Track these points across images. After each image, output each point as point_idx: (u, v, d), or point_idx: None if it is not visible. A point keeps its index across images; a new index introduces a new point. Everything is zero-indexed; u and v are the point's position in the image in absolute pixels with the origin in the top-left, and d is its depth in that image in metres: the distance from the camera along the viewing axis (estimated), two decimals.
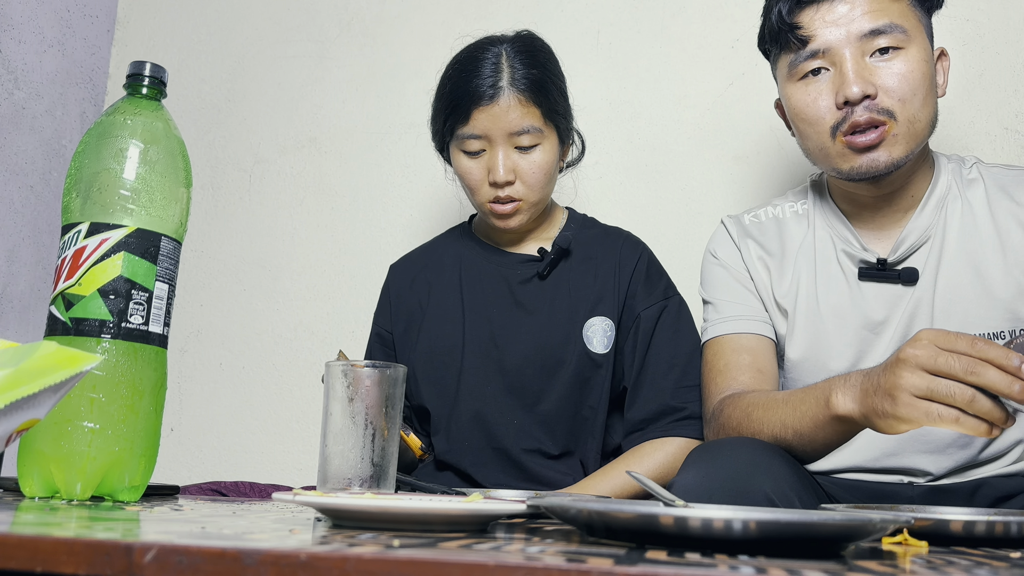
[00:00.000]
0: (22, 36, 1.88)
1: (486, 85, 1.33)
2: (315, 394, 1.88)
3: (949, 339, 0.88)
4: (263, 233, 2.00)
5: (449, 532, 0.69)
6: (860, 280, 1.24)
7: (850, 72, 1.15)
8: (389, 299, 1.51)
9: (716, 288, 1.33)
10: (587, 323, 1.38)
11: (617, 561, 0.49)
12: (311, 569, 0.47)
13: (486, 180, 1.35)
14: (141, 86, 1.01)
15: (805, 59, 1.19)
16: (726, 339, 1.28)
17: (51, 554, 0.49)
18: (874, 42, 1.16)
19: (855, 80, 1.15)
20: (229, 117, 2.07)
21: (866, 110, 1.15)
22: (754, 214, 1.36)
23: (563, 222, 1.49)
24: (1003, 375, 0.85)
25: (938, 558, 0.64)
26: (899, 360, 0.90)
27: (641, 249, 1.44)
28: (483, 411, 1.38)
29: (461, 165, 1.38)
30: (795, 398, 1.08)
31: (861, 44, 1.16)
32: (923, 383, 0.88)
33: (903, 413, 0.89)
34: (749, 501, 0.91)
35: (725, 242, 1.35)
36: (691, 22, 1.84)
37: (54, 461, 0.90)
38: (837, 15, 1.17)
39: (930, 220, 1.23)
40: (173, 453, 1.93)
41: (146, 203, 0.96)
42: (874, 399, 0.94)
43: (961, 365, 0.86)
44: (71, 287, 0.94)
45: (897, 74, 1.16)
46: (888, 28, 1.16)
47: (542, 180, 1.37)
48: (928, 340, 0.89)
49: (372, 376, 0.93)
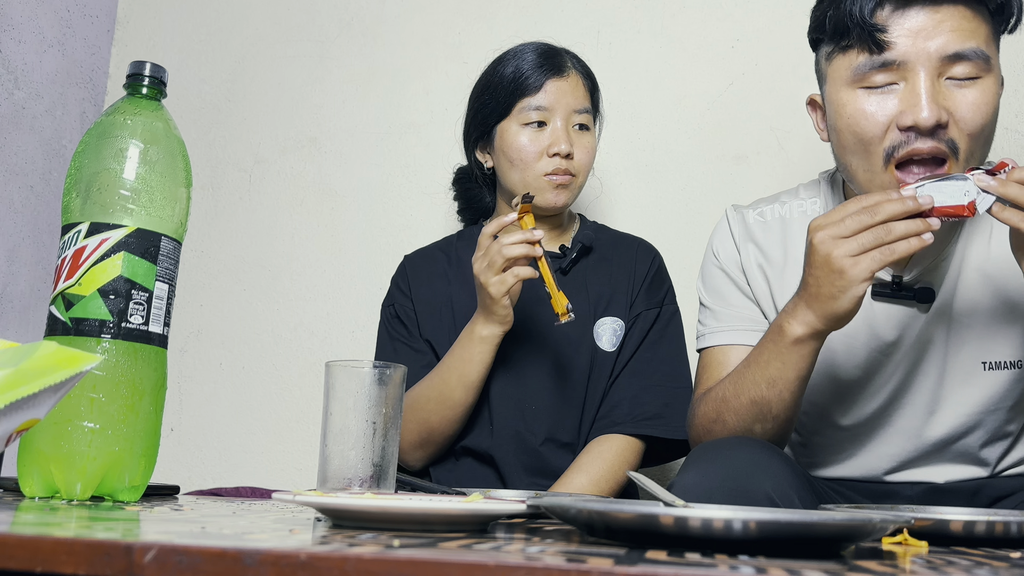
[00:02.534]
0: (22, 36, 1.88)
1: (558, 61, 1.43)
2: (315, 394, 1.88)
3: (837, 210, 0.98)
4: (263, 233, 2.00)
5: (449, 532, 0.69)
6: (874, 299, 1.16)
7: (923, 93, 1.03)
8: (408, 284, 1.51)
9: (714, 293, 1.28)
10: (599, 322, 1.43)
11: (617, 561, 0.49)
12: (311, 569, 0.47)
13: (544, 152, 1.41)
14: (141, 86, 1.01)
15: (876, 68, 1.06)
16: (719, 350, 1.24)
17: (51, 554, 0.49)
18: (955, 67, 1.04)
19: (929, 104, 1.03)
20: (229, 117, 2.07)
21: (931, 138, 1.04)
22: (760, 212, 1.28)
23: (577, 226, 1.54)
24: (895, 202, 0.96)
25: (938, 558, 0.64)
26: (815, 245, 0.98)
27: (654, 255, 1.51)
28: (501, 402, 1.40)
29: (518, 139, 1.42)
30: (753, 355, 1.11)
31: (941, 66, 1.04)
32: (851, 244, 0.96)
33: (854, 274, 0.96)
34: (750, 501, 0.91)
35: (726, 241, 1.28)
36: (691, 22, 1.84)
37: (54, 461, 0.90)
38: (922, 25, 1.04)
39: (950, 240, 1.16)
40: (173, 453, 1.93)
41: (146, 203, 0.96)
42: (822, 289, 0.99)
43: (862, 218, 0.96)
44: (71, 287, 0.94)
45: (972, 104, 1.04)
46: (973, 55, 1.04)
47: (590, 163, 1.45)
48: (825, 219, 0.98)
49: (372, 376, 0.93)
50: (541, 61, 1.42)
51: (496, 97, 1.44)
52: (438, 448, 1.41)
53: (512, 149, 1.41)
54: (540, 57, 1.43)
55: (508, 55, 1.46)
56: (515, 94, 1.42)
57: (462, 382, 1.34)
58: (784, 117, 1.75)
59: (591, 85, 1.47)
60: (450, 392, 1.35)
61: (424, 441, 1.39)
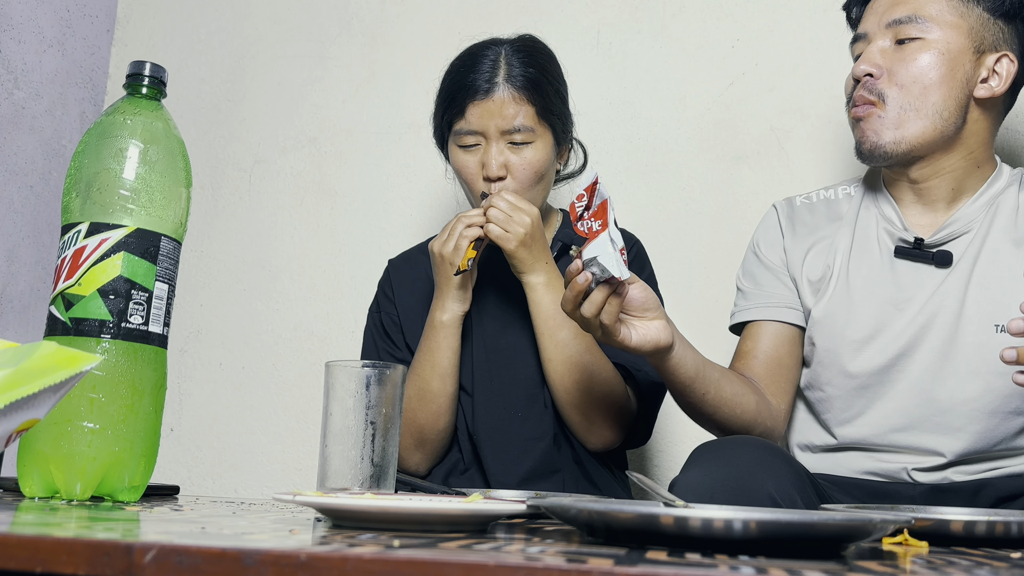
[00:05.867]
0: (22, 36, 1.88)
1: (481, 80, 1.36)
2: (315, 394, 1.88)
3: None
4: (263, 233, 2.00)
5: (449, 532, 0.69)
6: (895, 257, 1.26)
7: (864, 54, 1.25)
8: (393, 291, 1.51)
9: (749, 277, 1.37)
10: None
11: (617, 561, 0.49)
12: (311, 569, 0.47)
13: (480, 175, 1.38)
14: (141, 86, 1.01)
15: (855, 42, 1.30)
16: (749, 326, 1.33)
17: (51, 554, 0.49)
18: (897, 30, 1.23)
19: (864, 59, 1.24)
20: (229, 117, 2.07)
21: (863, 88, 1.24)
22: (806, 196, 1.40)
23: (559, 224, 1.51)
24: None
25: (938, 558, 0.64)
26: None
27: (634, 242, 1.49)
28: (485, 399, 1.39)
29: (457, 160, 1.41)
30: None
31: (888, 32, 1.24)
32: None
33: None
34: (751, 501, 0.91)
35: (771, 228, 1.38)
36: (691, 22, 1.84)
37: (54, 461, 0.90)
38: (878, 4, 1.27)
39: (979, 213, 1.24)
40: (173, 453, 1.93)
41: (146, 203, 0.96)
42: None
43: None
44: (71, 287, 0.94)
45: (904, 60, 1.22)
46: (908, 19, 1.23)
47: (532, 178, 1.38)
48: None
49: (372, 376, 0.93)
50: (464, 82, 1.37)
51: (438, 114, 1.44)
52: (435, 447, 1.40)
53: (456, 169, 1.42)
54: (464, 75, 1.38)
55: (448, 67, 1.43)
56: (447, 118, 1.41)
57: (435, 372, 1.35)
58: (784, 117, 1.75)
59: (532, 94, 1.36)
60: (427, 385, 1.35)
61: (418, 442, 1.39)
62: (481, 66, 1.37)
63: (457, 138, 1.39)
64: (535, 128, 1.37)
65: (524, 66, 1.38)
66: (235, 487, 1.91)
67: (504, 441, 1.37)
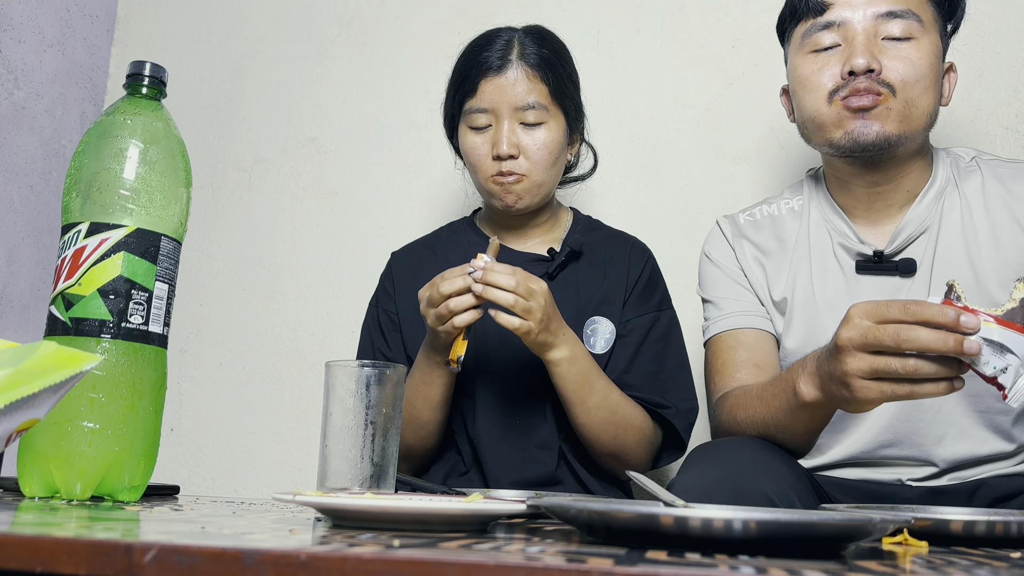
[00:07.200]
0: (22, 36, 1.88)
1: (495, 57, 1.35)
2: (315, 394, 1.88)
3: (880, 309, 0.88)
4: (263, 233, 2.00)
5: (449, 532, 0.69)
6: (858, 274, 1.23)
7: (860, 46, 1.17)
8: (393, 285, 1.49)
9: (712, 287, 1.34)
10: (588, 320, 1.38)
11: (617, 561, 0.49)
12: (311, 569, 0.47)
13: (490, 155, 1.35)
14: (141, 86, 1.01)
15: (820, 29, 1.20)
16: (724, 336, 1.29)
17: (51, 554, 0.49)
18: (889, 25, 1.18)
19: (863, 53, 1.16)
20: (229, 117, 2.07)
21: (867, 79, 1.16)
22: (749, 213, 1.36)
23: (568, 223, 1.48)
24: (935, 333, 0.84)
25: (938, 558, 0.64)
26: (837, 347, 0.91)
27: (648, 256, 1.46)
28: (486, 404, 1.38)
29: (466, 142, 1.38)
30: (767, 393, 1.10)
31: (876, 24, 1.18)
32: (865, 364, 0.88)
33: (861, 396, 0.90)
34: (749, 501, 0.91)
35: (719, 242, 1.36)
36: (691, 22, 1.84)
37: (54, 461, 0.90)
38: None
39: (927, 212, 1.22)
40: (173, 453, 1.93)
41: (146, 203, 0.96)
42: (831, 387, 0.95)
43: (891, 336, 0.85)
44: (71, 287, 0.94)
45: (905, 57, 1.17)
46: (905, 14, 1.17)
47: (547, 159, 1.36)
48: (859, 317, 0.89)
49: (372, 376, 0.93)
50: (478, 59, 1.36)
51: (450, 97, 1.42)
52: (421, 460, 1.40)
53: (464, 151, 1.39)
54: (478, 54, 1.36)
55: (462, 50, 1.42)
56: (459, 97, 1.38)
57: (427, 404, 1.33)
58: (784, 117, 1.75)
59: (545, 73, 1.35)
60: (418, 414, 1.33)
61: (404, 457, 1.37)
62: (495, 45, 1.37)
63: (468, 118, 1.37)
64: (548, 107, 1.36)
65: (538, 47, 1.38)
66: (235, 487, 1.91)
67: (504, 447, 1.36)
